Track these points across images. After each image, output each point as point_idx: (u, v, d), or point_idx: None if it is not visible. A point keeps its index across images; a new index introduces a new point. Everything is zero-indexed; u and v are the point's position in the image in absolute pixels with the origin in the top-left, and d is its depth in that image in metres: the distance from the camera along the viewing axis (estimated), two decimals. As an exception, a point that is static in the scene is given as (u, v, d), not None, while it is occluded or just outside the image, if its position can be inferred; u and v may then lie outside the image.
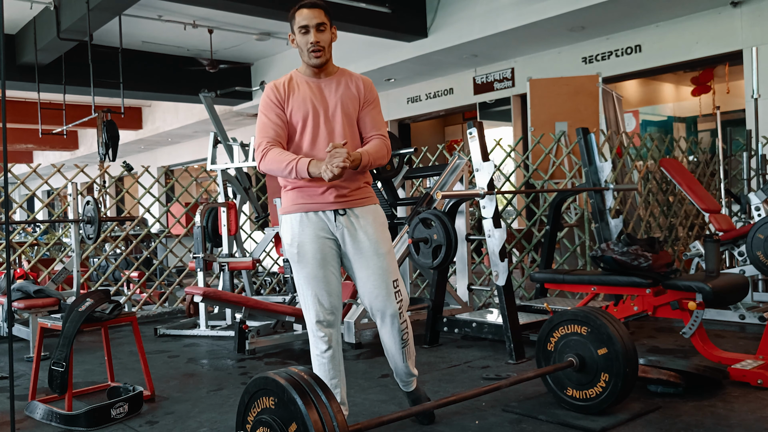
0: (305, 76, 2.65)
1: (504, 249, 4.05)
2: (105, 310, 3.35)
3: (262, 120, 2.59)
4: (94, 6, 6.92)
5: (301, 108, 2.58)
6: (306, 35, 2.56)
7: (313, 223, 2.58)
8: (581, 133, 5.04)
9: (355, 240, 2.62)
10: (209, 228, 6.11)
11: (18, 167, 18.27)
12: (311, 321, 2.62)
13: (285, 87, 2.60)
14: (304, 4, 2.59)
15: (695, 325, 3.50)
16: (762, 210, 5.36)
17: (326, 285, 2.59)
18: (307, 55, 2.58)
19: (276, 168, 2.50)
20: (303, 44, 2.57)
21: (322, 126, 2.60)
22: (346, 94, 2.66)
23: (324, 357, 2.63)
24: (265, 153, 2.52)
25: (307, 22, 2.55)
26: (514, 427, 2.86)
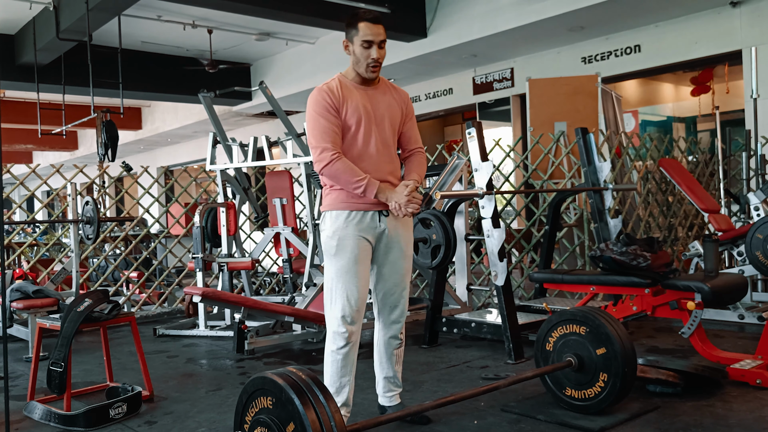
0: (354, 83, 2.72)
1: (503, 249, 4.05)
2: (104, 310, 3.35)
3: (321, 123, 2.61)
4: (93, 6, 6.91)
5: (356, 113, 2.65)
6: (368, 49, 2.63)
7: (357, 222, 2.66)
8: (580, 133, 5.04)
9: (389, 239, 2.74)
10: (208, 228, 6.11)
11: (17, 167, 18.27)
12: (335, 315, 2.64)
13: (339, 91, 2.65)
14: (369, 18, 2.64)
15: (694, 324, 3.50)
16: (761, 210, 5.36)
17: (357, 281, 2.65)
18: (364, 68, 2.66)
19: (343, 180, 2.57)
20: (363, 57, 2.63)
21: (373, 132, 2.69)
22: (393, 105, 2.78)
23: (339, 354, 2.65)
24: (334, 161, 2.56)
25: (372, 38, 2.62)
26: (512, 426, 2.86)
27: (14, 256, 5.97)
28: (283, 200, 5.95)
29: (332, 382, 2.68)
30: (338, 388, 2.68)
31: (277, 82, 10.76)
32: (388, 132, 2.75)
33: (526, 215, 6.82)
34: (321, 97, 2.63)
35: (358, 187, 2.55)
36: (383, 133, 2.73)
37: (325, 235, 2.69)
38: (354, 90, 2.69)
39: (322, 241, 2.71)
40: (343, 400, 2.68)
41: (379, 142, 2.70)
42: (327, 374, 2.70)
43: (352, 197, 2.64)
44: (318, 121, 2.61)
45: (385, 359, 2.88)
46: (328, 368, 2.69)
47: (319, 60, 10.18)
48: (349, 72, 2.73)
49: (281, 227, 5.96)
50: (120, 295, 6.45)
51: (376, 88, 2.76)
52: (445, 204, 4.67)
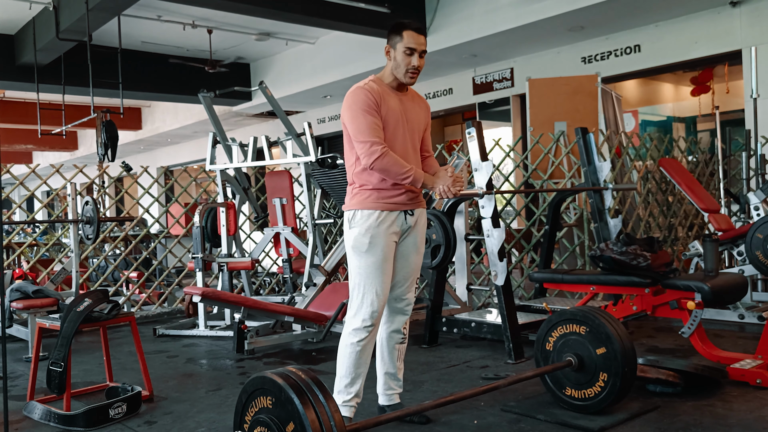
0: (389, 88, 2.80)
1: (503, 249, 4.05)
2: (103, 310, 3.35)
3: (366, 120, 2.67)
4: (93, 6, 6.91)
5: (392, 115, 2.75)
6: (410, 57, 2.73)
7: (388, 221, 2.75)
8: (580, 132, 5.04)
9: (410, 236, 2.85)
10: (208, 228, 6.11)
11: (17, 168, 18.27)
12: (365, 309, 2.71)
13: (378, 93, 2.73)
14: (413, 27, 2.76)
15: (694, 324, 3.50)
16: (761, 210, 5.36)
17: (385, 277, 2.74)
18: (404, 75, 2.76)
19: (393, 171, 2.65)
20: (404, 64, 2.73)
21: (406, 135, 2.80)
22: (420, 113, 2.90)
23: (359, 346, 2.71)
24: (384, 154, 2.64)
25: (416, 46, 2.72)
26: (512, 426, 2.86)
27: (14, 256, 5.97)
28: (282, 200, 5.95)
29: (347, 373, 2.73)
30: (353, 379, 2.73)
31: (277, 82, 10.76)
32: (416, 137, 2.87)
33: (526, 215, 6.81)
34: (364, 95, 2.70)
35: (407, 177, 2.65)
36: (413, 138, 2.84)
37: (356, 232, 2.74)
38: (390, 93, 2.78)
39: (352, 237, 2.75)
40: (356, 391, 2.74)
41: (409, 145, 2.81)
42: (342, 366, 2.75)
43: (383, 198, 2.74)
44: (364, 117, 2.67)
45: (387, 353, 2.91)
46: (345, 360, 2.74)
47: (319, 60, 10.18)
48: (385, 76, 2.82)
49: (281, 227, 5.96)
50: (120, 295, 6.45)
51: (406, 94, 2.87)
52: (445, 204, 4.67)
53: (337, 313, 4.69)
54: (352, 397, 2.73)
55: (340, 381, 2.74)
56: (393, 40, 2.78)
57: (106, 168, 6.95)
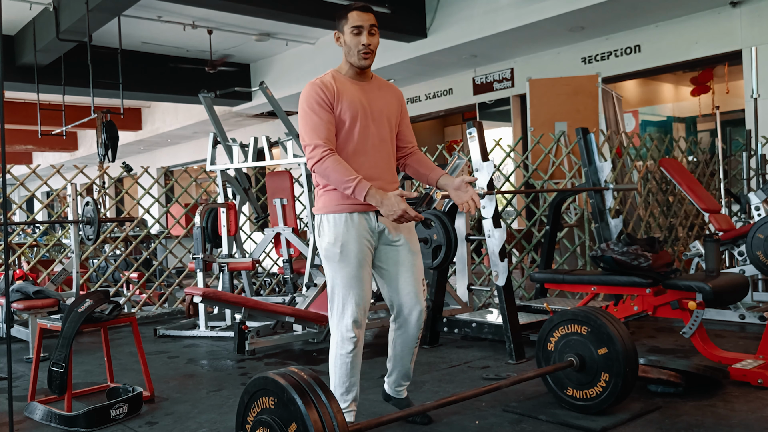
0: (348, 77, 2.66)
1: (504, 249, 4.05)
2: (104, 311, 3.35)
3: (312, 118, 2.54)
4: (93, 7, 6.91)
5: (351, 107, 2.59)
6: (358, 36, 2.58)
7: (357, 224, 2.60)
8: (581, 133, 5.04)
9: (391, 238, 2.69)
10: (209, 229, 6.10)
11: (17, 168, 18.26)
12: (346, 321, 2.61)
13: (333, 86, 2.58)
14: (357, 7, 2.62)
15: (695, 324, 3.50)
16: (762, 210, 5.35)
17: (364, 285, 2.62)
18: (356, 56, 2.61)
19: (333, 178, 2.48)
20: (354, 44, 2.59)
21: (370, 127, 2.63)
22: (389, 101, 2.74)
23: (348, 357, 2.64)
24: (325, 158, 2.48)
25: (361, 23, 2.58)
26: (514, 427, 2.85)
27: (14, 256, 5.97)
28: (283, 200, 5.95)
29: (341, 382, 2.67)
30: (348, 387, 2.68)
31: (277, 83, 10.75)
32: (386, 128, 2.69)
33: (526, 215, 6.81)
34: (314, 91, 2.56)
35: (347, 187, 2.45)
36: (381, 129, 2.67)
37: (325, 241, 2.61)
38: (349, 84, 2.63)
39: (322, 246, 2.63)
40: (353, 397, 2.70)
41: (376, 138, 2.64)
42: (335, 376, 2.68)
43: (347, 198, 2.56)
44: (310, 116, 2.55)
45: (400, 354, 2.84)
46: (337, 370, 2.67)
47: (319, 60, 10.17)
48: (342, 66, 2.68)
49: (281, 227, 5.96)
50: (120, 296, 6.44)
51: (371, 83, 2.71)
52: (445, 204, 4.67)
53: (338, 314, 4.68)
54: (349, 404, 2.69)
55: (335, 390, 2.67)
56: (340, 25, 2.63)
57: (107, 168, 6.95)
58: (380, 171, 2.65)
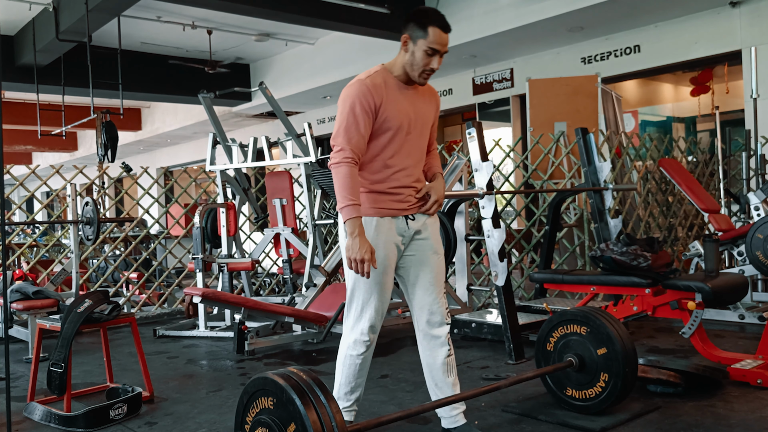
0: (399, 82, 2.53)
1: (503, 249, 4.05)
2: (104, 311, 3.35)
3: (349, 120, 2.43)
4: (93, 7, 6.91)
5: (396, 119, 2.48)
6: (430, 57, 2.45)
7: (386, 229, 2.53)
8: (580, 133, 5.04)
9: (418, 241, 2.61)
10: (208, 229, 6.11)
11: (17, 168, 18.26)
12: (363, 325, 2.55)
13: (383, 91, 2.46)
14: (440, 23, 2.45)
15: (695, 325, 3.50)
16: (761, 210, 5.36)
17: (386, 293, 2.57)
18: (418, 74, 2.49)
19: (339, 186, 2.40)
20: (422, 63, 2.46)
21: (409, 138, 2.55)
22: (429, 109, 2.64)
23: (359, 359, 2.59)
24: (343, 164, 2.40)
25: (439, 48, 2.45)
26: (513, 427, 2.85)
27: (14, 257, 5.97)
28: (282, 201, 5.95)
29: (347, 382, 2.63)
30: (353, 387, 2.63)
31: (277, 83, 10.76)
32: (424, 136, 2.63)
33: (526, 215, 6.81)
34: (361, 93, 2.43)
35: (343, 201, 2.38)
36: (419, 138, 2.59)
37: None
38: (398, 91, 2.51)
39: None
40: (356, 397, 2.66)
41: (413, 146, 2.56)
42: (342, 374, 2.63)
43: (379, 201, 2.51)
44: (348, 117, 2.43)
45: (440, 377, 2.63)
46: (345, 370, 2.62)
47: (318, 61, 10.18)
48: (395, 68, 2.53)
49: (281, 228, 5.96)
50: (120, 296, 6.44)
51: (417, 89, 2.60)
52: (445, 204, 4.67)
53: (338, 314, 4.69)
54: (352, 403, 2.66)
55: (339, 388, 2.64)
56: (414, 33, 2.45)
57: (106, 169, 6.95)
58: (410, 180, 2.58)
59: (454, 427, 2.64)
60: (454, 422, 2.64)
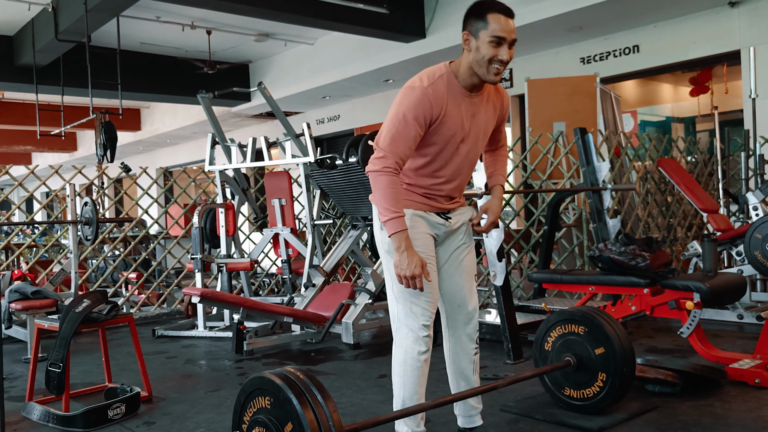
0: (462, 87, 2.30)
1: (502, 249, 4.05)
2: (102, 311, 3.35)
3: (399, 128, 2.23)
4: (92, 7, 6.91)
5: (450, 130, 2.30)
6: (497, 48, 2.21)
7: (423, 221, 2.42)
8: (579, 133, 5.04)
9: (452, 235, 2.52)
10: (207, 229, 6.11)
11: (16, 169, 18.26)
12: (417, 322, 2.37)
13: (443, 100, 2.25)
14: (500, 9, 2.23)
15: (693, 324, 3.51)
16: (760, 209, 5.36)
17: (434, 280, 2.41)
18: (486, 71, 2.24)
19: (379, 197, 2.23)
20: (488, 55, 2.21)
21: (462, 149, 2.37)
22: (491, 115, 2.44)
23: (422, 357, 2.38)
24: (384, 173, 2.22)
25: (505, 34, 2.21)
26: (511, 426, 2.86)
27: (13, 257, 5.97)
28: (281, 201, 5.95)
29: (412, 393, 2.38)
30: (418, 399, 2.39)
31: (276, 83, 10.76)
32: (478, 144, 2.43)
33: (525, 215, 6.81)
34: (419, 102, 2.22)
35: (386, 214, 2.21)
36: (472, 147, 2.40)
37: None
38: (460, 99, 2.30)
39: (386, 241, 2.37)
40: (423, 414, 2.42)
41: (462, 155, 2.38)
42: (405, 385, 2.39)
43: (415, 194, 2.39)
44: (399, 124, 2.23)
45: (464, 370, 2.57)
46: (408, 376, 2.38)
47: (318, 61, 10.18)
48: (461, 71, 2.29)
49: (280, 228, 5.96)
50: (119, 296, 6.44)
51: (481, 95, 2.37)
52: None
53: (336, 314, 4.69)
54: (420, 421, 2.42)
55: (405, 404, 2.38)
56: (473, 26, 2.23)
57: (105, 169, 6.95)
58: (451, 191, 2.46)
59: (471, 427, 2.61)
60: (471, 422, 2.61)
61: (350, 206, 5.43)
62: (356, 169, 5.00)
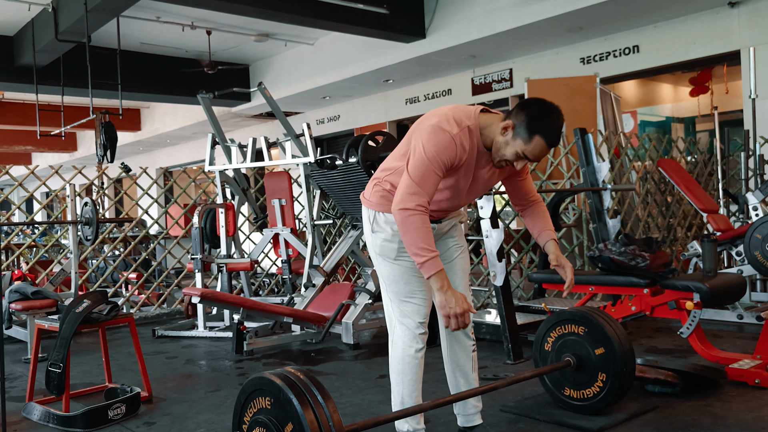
0: (483, 145, 2.35)
1: (501, 249, 4.05)
2: (102, 311, 3.35)
3: (428, 169, 2.23)
4: (92, 7, 6.91)
5: (459, 174, 2.36)
6: (520, 159, 2.30)
7: None
8: (579, 133, 5.04)
9: (443, 236, 2.59)
10: (207, 229, 6.11)
11: (16, 169, 18.27)
12: (413, 320, 2.44)
13: (466, 151, 2.29)
14: (549, 138, 2.28)
15: (693, 324, 3.51)
16: (759, 210, 5.36)
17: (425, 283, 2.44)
18: (497, 157, 2.33)
19: (411, 238, 2.22)
20: (507, 157, 2.30)
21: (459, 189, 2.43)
22: (496, 171, 2.47)
23: (419, 355, 2.45)
24: (415, 213, 2.21)
25: (534, 158, 2.29)
26: (511, 427, 2.86)
27: (13, 257, 5.97)
28: (282, 201, 5.95)
29: (411, 390, 2.45)
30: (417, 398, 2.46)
31: (276, 83, 10.76)
32: (480, 191, 2.51)
33: (525, 216, 6.79)
34: (449, 149, 2.24)
35: (419, 255, 2.21)
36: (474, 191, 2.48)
37: (381, 237, 2.44)
38: (477, 154, 2.35)
39: (378, 243, 2.46)
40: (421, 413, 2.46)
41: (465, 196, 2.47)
42: (403, 383, 2.46)
43: None
44: (428, 166, 2.23)
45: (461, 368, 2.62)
46: (406, 374, 2.45)
47: (318, 61, 10.18)
48: (485, 132, 2.32)
49: (280, 228, 5.97)
50: (119, 296, 6.45)
51: None
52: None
53: (336, 314, 4.70)
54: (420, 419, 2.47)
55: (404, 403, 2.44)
56: (519, 128, 2.25)
57: (105, 169, 6.95)
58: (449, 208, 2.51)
59: (470, 426, 2.64)
60: (470, 421, 2.64)
61: (350, 206, 5.43)
62: (356, 170, 5.00)
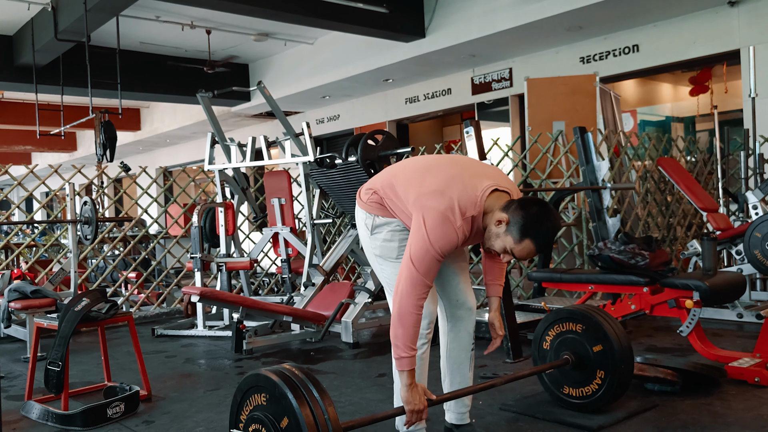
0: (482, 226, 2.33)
1: (501, 248, 4.04)
2: (101, 310, 3.35)
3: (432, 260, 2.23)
4: (91, 7, 6.91)
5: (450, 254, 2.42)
6: (506, 254, 2.28)
7: None
8: (578, 132, 5.04)
9: None
10: (207, 228, 6.11)
11: (16, 168, 18.26)
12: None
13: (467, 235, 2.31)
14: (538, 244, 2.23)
15: (692, 323, 3.50)
16: (759, 208, 5.36)
17: None
18: (485, 246, 2.36)
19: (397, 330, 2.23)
20: (495, 247, 2.30)
21: None
22: None
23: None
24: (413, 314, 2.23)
25: (519, 256, 2.29)
26: (510, 425, 2.85)
27: (13, 256, 5.97)
28: (281, 200, 5.95)
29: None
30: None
31: (276, 83, 10.76)
32: None
33: (524, 215, 6.79)
34: (450, 239, 2.24)
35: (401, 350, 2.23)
36: None
37: (380, 238, 2.48)
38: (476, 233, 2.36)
39: (377, 245, 2.49)
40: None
41: None
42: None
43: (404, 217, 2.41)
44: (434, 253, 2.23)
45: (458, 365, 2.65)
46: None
47: (317, 60, 10.18)
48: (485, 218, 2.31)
49: (280, 227, 5.96)
50: (118, 296, 6.44)
51: None
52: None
53: (336, 313, 4.69)
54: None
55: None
56: (513, 227, 2.22)
57: (105, 168, 6.95)
58: None
59: (459, 424, 2.65)
60: (460, 419, 2.66)
61: (350, 205, 5.43)
62: (356, 169, 5.00)
